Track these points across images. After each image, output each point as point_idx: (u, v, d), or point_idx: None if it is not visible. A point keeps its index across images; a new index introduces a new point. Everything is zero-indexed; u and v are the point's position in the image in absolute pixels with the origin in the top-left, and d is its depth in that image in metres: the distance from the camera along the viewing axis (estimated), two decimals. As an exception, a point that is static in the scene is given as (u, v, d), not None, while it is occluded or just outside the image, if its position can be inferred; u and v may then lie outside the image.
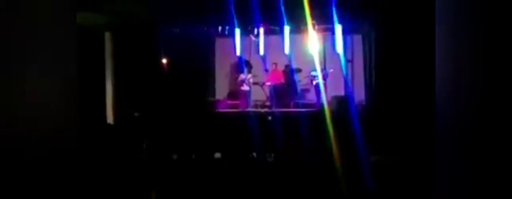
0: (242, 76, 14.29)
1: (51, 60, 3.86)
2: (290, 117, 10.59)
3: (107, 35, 12.94)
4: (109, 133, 7.96)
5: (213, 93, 15.38)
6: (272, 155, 7.46)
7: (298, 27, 13.30)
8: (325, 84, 13.35)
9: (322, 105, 12.48)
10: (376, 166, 6.68)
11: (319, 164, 6.93)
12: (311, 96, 14.38)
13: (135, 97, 12.30)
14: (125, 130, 8.34)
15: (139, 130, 8.28)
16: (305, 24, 12.61)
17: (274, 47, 13.75)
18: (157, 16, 12.66)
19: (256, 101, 14.46)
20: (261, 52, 13.90)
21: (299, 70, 14.45)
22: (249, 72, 14.45)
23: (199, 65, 14.67)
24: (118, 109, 12.58)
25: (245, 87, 14.25)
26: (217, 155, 7.77)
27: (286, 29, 13.32)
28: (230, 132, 8.01)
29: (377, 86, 12.38)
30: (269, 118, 9.91)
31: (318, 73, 13.35)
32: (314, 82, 13.63)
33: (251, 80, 14.29)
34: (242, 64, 14.37)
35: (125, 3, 11.73)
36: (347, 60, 13.28)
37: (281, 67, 14.38)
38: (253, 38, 14.09)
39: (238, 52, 14.11)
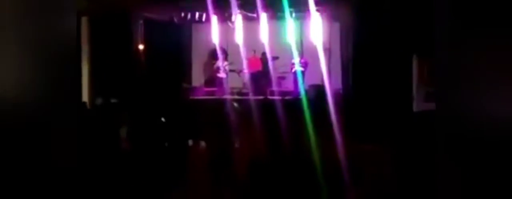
0: (218, 63, 14.24)
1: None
2: (265, 105, 10.57)
3: (84, 20, 12.76)
4: (86, 119, 7.87)
5: (190, 80, 15.34)
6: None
7: (276, 14, 13.30)
8: (303, 72, 13.39)
9: (299, 93, 12.52)
10: (354, 153, 6.73)
11: (291, 152, 6.95)
12: (288, 84, 14.40)
13: (112, 83, 12.20)
14: (102, 116, 8.27)
15: (116, 117, 8.21)
16: (283, 11, 12.61)
17: (252, 34, 13.72)
18: (134, 1, 12.53)
19: (233, 88, 14.43)
20: (239, 39, 13.87)
21: (276, 58, 14.44)
22: (226, 59, 14.40)
23: (176, 52, 14.59)
24: (93, 95, 12.45)
25: (221, 74, 14.20)
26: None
27: (264, 16, 13.30)
28: (201, 119, 7.98)
29: (354, 74, 12.43)
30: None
31: (297, 61, 13.39)
32: (293, 70, 13.64)
33: (226, 67, 14.24)
34: (218, 51, 14.32)
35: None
36: (324, 48, 13.31)
37: (258, 55, 14.34)
38: (230, 25, 14.06)
39: (215, 39, 14.08)
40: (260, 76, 14.16)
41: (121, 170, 6.66)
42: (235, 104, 9.67)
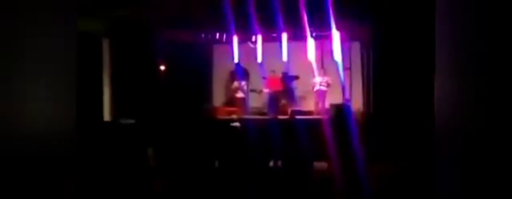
0: (236, 83, 14.27)
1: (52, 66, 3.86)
2: (287, 125, 10.51)
3: (105, 41, 12.91)
4: (108, 140, 7.92)
5: (211, 100, 15.38)
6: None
7: (296, 34, 13.31)
8: (325, 92, 13.36)
9: (321, 113, 12.47)
10: (376, 173, 6.67)
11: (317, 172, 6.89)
12: (309, 104, 14.36)
13: (133, 104, 12.27)
14: (124, 136, 8.30)
15: (138, 136, 8.25)
16: (303, 31, 12.63)
17: (272, 54, 13.75)
18: (154, 22, 12.66)
19: (253, 108, 14.44)
20: (259, 59, 13.90)
21: (296, 78, 14.44)
22: (246, 79, 14.43)
23: (197, 72, 14.68)
24: (115, 115, 12.55)
25: (240, 95, 14.20)
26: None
27: (284, 36, 13.33)
28: (219, 138, 7.94)
29: (375, 93, 12.35)
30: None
31: (318, 80, 13.38)
32: (315, 89, 13.59)
33: (245, 87, 14.26)
34: (239, 71, 14.36)
35: (122, 8, 11.73)
36: (345, 68, 13.27)
37: (279, 75, 14.35)
38: (251, 45, 14.10)
39: (235, 59, 14.12)
40: (281, 96, 14.14)
41: (144, 189, 6.65)
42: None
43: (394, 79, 11.48)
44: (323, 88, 13.39)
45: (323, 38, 13.57)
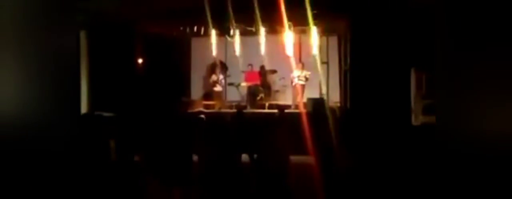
0: (214, 77, 14.23)
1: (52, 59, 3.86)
2: (262, 119, 10.51)
3: (82, 34, 12.76)
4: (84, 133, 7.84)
5: (189, 93, 15.35)
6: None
7: (274, 28, 13.31)
8: (303, 86, 13.36)
9: (299, 106, 12.50)
10: (352, 167, 6.71)
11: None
12: (286, 98, 14.41)
13: (111, 97, 12.17)
14: (99, 129, 8.22)
15: (112, 130, 8.18)
16: (281, 25, 12.62)
17: (250, 48, 13.75)
18: (133, 15, 12.54)
19: (232, 101, 14.45)
20: (237, 53, 13.89)
21: (274, 72, 14.49)
22: (223, 73, 14.42)
23: (175, 65, 14.62)
24: (92, 108, 12.42)
25: (218, 88, 14.17)
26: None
27: (262, 30, 13.32)
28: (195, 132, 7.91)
29: (352, 87, 12.39)
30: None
31: (296, 74, 13.37)
32: (293, 84, 13.59)
33: (222, 81, 14.24)
34: (216, 65, 14.34)
35: (100, 1, 11.61)
36: (323, 62, 13.30)
37: (256, 68, 14.36)
38: (228, 38, 14.08)
39: (213, 53, 14.09)
40: (259, 90, 14.16)
41: (119, 180, 6.63)
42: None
43: (371, 73, 11.54)
44: (301, 82, 13.41)
45: (301, 32, 13.60)
